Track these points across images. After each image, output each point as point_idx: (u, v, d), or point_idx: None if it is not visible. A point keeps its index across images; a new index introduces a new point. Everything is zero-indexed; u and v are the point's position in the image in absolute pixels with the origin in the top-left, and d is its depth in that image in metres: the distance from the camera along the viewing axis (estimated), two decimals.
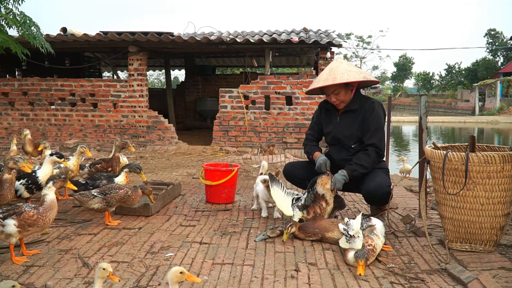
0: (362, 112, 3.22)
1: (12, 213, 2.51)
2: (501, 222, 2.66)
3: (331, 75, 3.18)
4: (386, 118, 3.27)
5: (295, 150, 7.81)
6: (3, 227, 2.49)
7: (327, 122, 3.41)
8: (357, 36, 46.99)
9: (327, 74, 3.22)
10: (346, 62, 3.29)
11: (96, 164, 4.21)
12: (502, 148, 2.87)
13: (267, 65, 8.32)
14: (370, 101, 3.26)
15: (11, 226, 2.48)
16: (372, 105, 3.22)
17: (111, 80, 8.81)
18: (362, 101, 3.25)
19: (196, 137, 9.85)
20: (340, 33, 8.58)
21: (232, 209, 3.83)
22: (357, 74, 3.16)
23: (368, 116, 3.19)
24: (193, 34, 8.48)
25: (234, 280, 2.33)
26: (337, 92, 3.21)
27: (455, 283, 2.31)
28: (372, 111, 3.20)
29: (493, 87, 29.56)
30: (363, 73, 3.21)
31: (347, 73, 3.14)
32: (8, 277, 2.36)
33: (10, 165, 3.12)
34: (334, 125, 3.34)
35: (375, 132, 3.16)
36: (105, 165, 4.18)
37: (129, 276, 2.38)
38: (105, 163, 4.20)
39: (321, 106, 3.49)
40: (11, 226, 2.48)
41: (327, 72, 3.24)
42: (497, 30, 42.85)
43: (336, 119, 3.34)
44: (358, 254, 2.42)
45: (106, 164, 4.19)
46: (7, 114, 8.55)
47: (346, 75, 3.13)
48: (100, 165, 4.18)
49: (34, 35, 4.53)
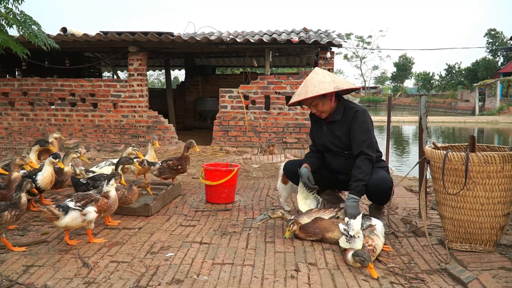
0: (345, 121, 3.23)
1: (89, 201, 2.81)
2: (501, 222, 2.67)
3: (304, 88, 3.21)
4: (372, 124, 3.26)
5: (295, 150, 7.81)
6: (85, 216, 2.77)
7: (317, 131, 3.44)
8: (357, 36, 47.05)
9: (301, 87, 3.26)
10: (322, 73, 3.27)
11: (168, 161, 4.44)
12: (502, 148, 2.87)
13: (267, 65, 8.32)
14: (353, 110, 3.24)
15: (92, 212, 2.79)
16: (354, 114, 3.20)
17: (111, 80, 8.81)
18: (345, 111, 3.25)
19: (196, 137, 9.84)
20: (340, 33, 8.58)
21: (232, 209, 3.83)
22: (329, 84, 3.16)
23: (352, 125, 3.19)
24: (193, 34, 8.48)
25: (234, 280, 2.33)
26: (315, 104, 3.23)
27: (455, 283, 2.31)
28: (355, 120, 3.18)
29: (493, 87, 29.56)
30: (336, 83, 3.19)
31: (318, 85, 3.15)
32: (8, 277, 2.36)
33: (17, 162, 3.12)
34: (323, 135, 3.37)
35: (362, 140, 3.15)
36: (176, 163, 4.41)
37: (129, 276, 2.38)
38: (176, 161, 4.43)
39: (311, 118, 3.52)
40: (92, 213, 2.80)
41: (302, 85, 3.28)
42: (497, 30, 42.86)
43: (323, 129, 3.37)
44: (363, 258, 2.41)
45: (177, 162, 4.42)
46: (7, 114, 8.55)
47: (317, 88, 3.15)
48: (172, 162, 4.42)
49: (35, 34, 4.53)
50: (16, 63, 9.78)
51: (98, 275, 2.38)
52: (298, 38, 7.68)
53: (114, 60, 11.36)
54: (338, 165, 3.34)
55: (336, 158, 3.35)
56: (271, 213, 3.05)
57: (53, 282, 2.29)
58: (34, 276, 2.37)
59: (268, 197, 4.37)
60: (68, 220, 2.74)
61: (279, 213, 3.04)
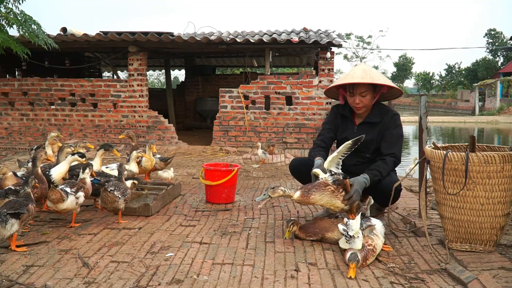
0: (383, 124, 3.15)
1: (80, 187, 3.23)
2: (501, 222, 2.66)
3: (368, 74, 3.03)
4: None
5: (295, 150, 7.81)
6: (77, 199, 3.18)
7: (343, 128, 3.29)
8: (357, 36, 46.97)
9: (361, 72, 3.05)
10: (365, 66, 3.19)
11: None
12: (502, 148, 2.87)
13: (267, 65, 8.32)
14: (391, 113, 3.17)
15: (82, 197, 3.22)
16: (394, 118, 3.15)
17: (111, 80, 8.81)
18: (383, 114, 3.17)
19: (196, 137, 9.85)
20: (340, 33, 8.58)
21: (232, 209, 3.83)
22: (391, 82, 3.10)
23: (391, 128, 3.13)
24: (193, 34, 8.48)
25: (234, 280, 2.33)
26: (365, 94, 3.09)
27: (455, 283, 2.31)
28: (395, 125, 3.13)
29: (493, 87, 29.56)
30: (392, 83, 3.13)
31: (383, 77, 3.08)
32: (8, 277, 2.36)
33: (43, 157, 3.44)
34: (351, 133, 3.22)
35: (396, 143, 3.12)
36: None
37: (129, 276, 2.38)
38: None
39: (335, 112, 3.34)
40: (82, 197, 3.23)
41: (360, 71, 3.07)
42: (497, 30, 42.92)
43: (353, 128, 3.23)
44: (350, 257, 2.40)
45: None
46: (7, 114, 8.55)
47: (383, 79, 3.06)
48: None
49: (36, 33, 4.53)
50: (16, 63, 9.79)
51: (98, 275, 2.38)
52: (298, 38, 7.68)
53: (114, 60, 11.36)
54: (351, 164, 3.21)
55: (352, 158, 3.17)
56: (271, 192, 2.79)
57: (53, 282, 2.29)
58: (34, 276, 2.37)
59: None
60: (68, 203, 3.12)
61: (280, 191, 2.79)
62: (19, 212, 2.67)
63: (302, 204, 2.93)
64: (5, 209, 2.65)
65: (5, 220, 2.62)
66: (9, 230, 2.64)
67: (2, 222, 2.61)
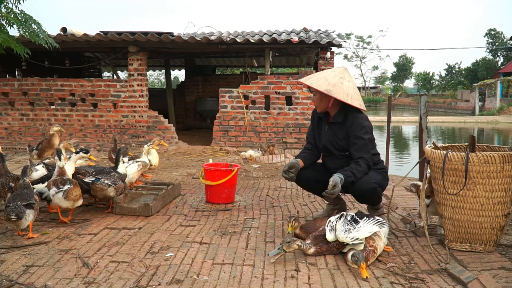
0: (346, 125, 3.23)
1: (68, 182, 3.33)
2: (501, 222, 2.67)
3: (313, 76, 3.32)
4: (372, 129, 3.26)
5: (295, 150, 7.80)
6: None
7: (318, 129, 3.43)
8: (357, 36, 47.04)
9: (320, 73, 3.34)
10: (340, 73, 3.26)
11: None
12: (502, 148, 2.87)
13: (267, 65, 8.32)
14: (354, 115, 3.23)
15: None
16: (355, 119, 3.20)
17: (111, 80, 8.81)
18: (347, 114, 3.24)
19: (196, 137, 9.85)
20: (340, 33, 8.58)
21: (232, 209, 3.83)
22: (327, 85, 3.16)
23: (356, 131, 3.17)
24: (193, 34, 8.48)
25: (234, 280, 2.33)
26: (315, 94, 3.30)
27: (455, 283, 2.31)
28: (359, 127, 3.17)
29: (493, 87, 29.55)
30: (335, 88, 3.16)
31: (320, 79, 3.21)
32: (8, 277, 2.36)
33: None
34: (324, 134, 3.36)
35: (363, 147, 3.15)
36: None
37: (129, 276, 2.38)
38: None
39: (313, 113, 3.52)
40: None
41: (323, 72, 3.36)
42: (497, 30, 42.89)
43: (325, 128, 3.36)
44: (357, 258, 2.40)
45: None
46: (7, 114, 8.55)
47: (316, 80, 3.22)
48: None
49: (36, 33, 4.53)
50: (16, 63, 9.78)
51: (98, 275, 2.39)
52: (298, 38, 7.68)
53: (114, 60, 11.36)
54: (334, 167, 3.28)
55: (334, 160, 3.32)
56: (287, 246, 2.58)
57: (53, 282, 2.29)
58: (34, 276, 2.37)
59: (268, 197, 4.37)
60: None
61: (295, 245, 2.60)
62: (31, 203, 2.95)
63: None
64: (19, 202, 2.89)
65: (23, 212, 2.87)
66: (28, 220, 2.92)
67: (22, 214, 2.86)
